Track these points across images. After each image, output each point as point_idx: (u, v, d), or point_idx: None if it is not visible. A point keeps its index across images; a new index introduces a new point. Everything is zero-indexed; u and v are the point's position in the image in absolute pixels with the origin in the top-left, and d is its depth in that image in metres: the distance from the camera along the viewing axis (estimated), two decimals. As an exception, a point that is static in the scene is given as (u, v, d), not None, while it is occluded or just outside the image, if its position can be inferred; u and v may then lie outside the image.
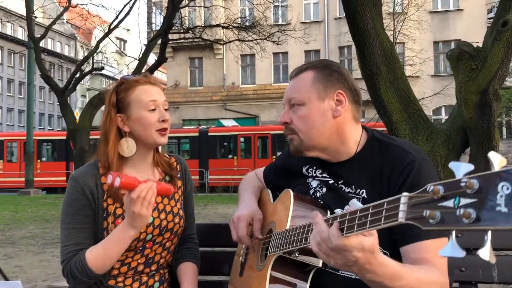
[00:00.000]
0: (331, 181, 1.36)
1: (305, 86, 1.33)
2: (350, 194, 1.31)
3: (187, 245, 1.66)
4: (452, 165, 0.74)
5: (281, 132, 17.16)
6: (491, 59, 3.25)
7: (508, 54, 3.30)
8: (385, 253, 1.21)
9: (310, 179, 1.43)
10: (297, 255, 1.18)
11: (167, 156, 1.67)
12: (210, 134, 20.87)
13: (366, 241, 0.94)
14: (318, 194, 1.39)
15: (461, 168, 0.73)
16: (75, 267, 1.40)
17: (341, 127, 1.33)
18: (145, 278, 1.54)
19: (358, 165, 1.32)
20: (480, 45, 3.47)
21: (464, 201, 0.70)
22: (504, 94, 17.06)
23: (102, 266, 1.41)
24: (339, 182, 1.35)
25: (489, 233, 0.69)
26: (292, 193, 1.32)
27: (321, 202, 1.36)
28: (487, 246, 0.69)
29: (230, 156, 20.64)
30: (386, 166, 1.27)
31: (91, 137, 14.51)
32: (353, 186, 1.31)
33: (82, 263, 1.39)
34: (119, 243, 1.40)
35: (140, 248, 1.50)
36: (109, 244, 1.41)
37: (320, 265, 1.19)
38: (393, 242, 1.20)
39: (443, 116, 21.70)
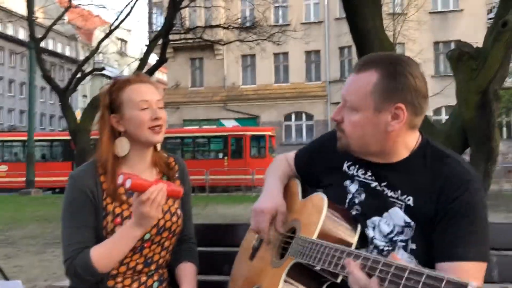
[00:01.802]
0: (374, 184, 1.27)
1: (364, 91, 1.19)
2: (392, 199, 1.23)
3: (185, 246, 1.66)
4: None
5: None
6: (491, 59, 3.25)
7: (508, 54, 3.30)
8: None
9: (348, 182, 1.33)
10: (318, 268, 1.15)
11: (166, 156, 1.67)
12: None
13: None
14: (356, 201, 1.30)
15: None
16: (80, 266, 1.40)
17: (393, 138, 1.22)
18: (144, 278, 1.54)
19: (408, 169, 1.23)
20: (480, 45, 3.48)
21: None
22: (504, 94, 17.05)
23: (107, 265, 1.41)
24: (383, 184, 1.25)
25: None
26: (326, 200, 1.24)
27: (355, 212, 1.28)
28: None
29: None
30: (440, 176, 1.19)
31: (92, 137, 14.52)
32: (399, 191, 1.23)
33: (86, 262, 1.39)
34: (125, 243, 1.41)
35: (139, 248, 1.51)
36: (115, 243, 1.41)
37: (339, 281, 1.15)
38: (431, 255, 1.16)
39: (443, 116, 21.68)
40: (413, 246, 1.19)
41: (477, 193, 1.17)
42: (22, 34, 39.58)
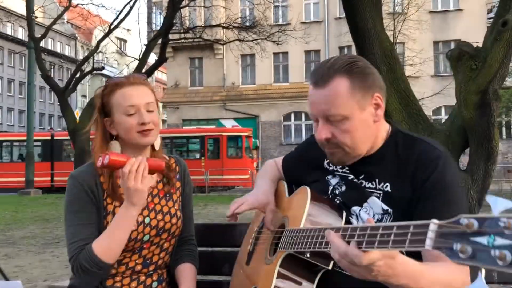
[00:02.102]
0: (351, 177, 1.33)
1: (343, 99, 1.22)
2: (370, 190, 1.29)
3: (185, 247, 1.66)
4: (490, 199, 0.71)
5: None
6: (491, 59, 3.25)
7: (508, 54, 3.29)
8: (401, 252, 1.21)
9: (329, 176, 1.39)
10: (308, 255, 1.18)
11: (166, 157, 1.67)
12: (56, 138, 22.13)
13: (384, 263, 0.95)
14: (336, 192, 1.36)
15: (500, 204, 0.69)
16: (84, 260, 1.39)
17: (379, 128, 1.30)
18: (143, 278, 1.54)
19: (383, 159, 1.30)
20: (480, 45, 3.47)
21: (500, 241, 0.67)
22: (504, 94, 17.06)
23: (110, 254, 1.41)
24: (360, 178, 1.32)
25: None
26: (309, 191, 1.29)
27: (338, 201, 1.33)
28: None
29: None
30: (411, 160, 1.26)
31: (91, 137, 14.50)
32: (376, 180, 1.29)
33: (90, 255, 1.39)
34: (123, 225, 1.41)
35: (138, 248, 1.51)
36: (114, 228, 1.41)
37: (330, 267, 1.18)
38: None
39: (443, 116, 21.70)
40: None
41: (447, 168, 1.23)
42: (21, 34, 39.58)
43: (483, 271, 0.72)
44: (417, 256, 1.17)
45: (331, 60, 1.27)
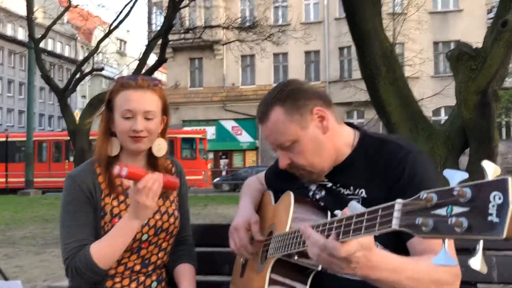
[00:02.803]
0: (329, 185, 1.36)
1: (283, 126, 1.29)
2: (349, 196, 1.30)
3: (183, 247, 1.66)
4: (447, 172, 0.74)
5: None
6: (491, 59, 3.25)
7: (508, 54, 3.30)
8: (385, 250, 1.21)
9: (308, 183, 1.43)
10: (296, 258, 1.18)
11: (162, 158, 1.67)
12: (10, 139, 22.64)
13: (362, 239, 0.95)
14: (317, 196, 1.39)
15: (456, 176, 0.72)
16: (80, 262, 1.39)
17: (333, 138, 1.32)
18: (142, 278, 1.54)
19: (354, 165, 1.32)
20: (480, 45, 3.48)
21: (456, 209, 0.70)
22: (504, 95, 17.06)
23: (107, 260, 1.41)
24: (337, 185, 1.34)
25: (481, 242, 0.69)
26: (292, 196, 1.31)
27: (322, 204, 1.35)
28: (479, 256, 0.69)
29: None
30: (381, 162, 1.28)
31: (91, 137, 14.51)
32: (351, 188, 1.31)
33: (87, 258, 1.38)
34: (123, 235, 1.40)
35: (136, 248, 1.51)
36: (113, 236, 1.41)
37: (320, 268, 1.19)
38: (397, 240, 1.19)
39: (443, 117, 21.70)
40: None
41: (417, 162, 1.24)
42: (22, 34, 39.57)
43: (446, 241, 0.74)
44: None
45: (265, 96, 1.36)
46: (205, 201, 13.68)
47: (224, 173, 26.05)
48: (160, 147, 1.55)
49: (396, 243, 1.20)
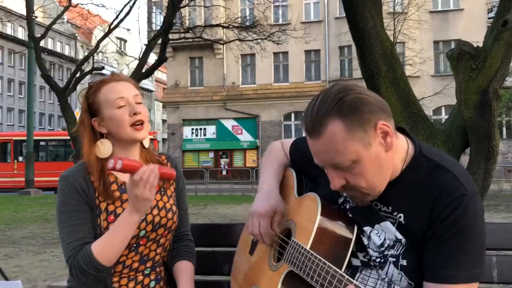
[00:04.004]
0: None
1: (343, 144, 1.09)
2: (385, 214, 1.19)
3: (182, 243, 1.66)
4: None
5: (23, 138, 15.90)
6: (491, 59, 3.24)
7: (508, 54, 3.29)
8: (409, 283, 1.16)
9: None
10: (311, 283, 1.14)
11: (157, 154, 1.68)
12: None
13: None
14: (347, 206, 1.27)
15: None
16: (83, 261, 1.39)
17: (394, 155, 1.16)
18: (140, 277, 1.54)
19: (401, 186, 1.17)
20: (480, 45, 3.47)
21: None
22: (504, 94, 17.07)
23: (110, 257, 1.40)
24: (375, 200, 1.21)
25: None
26: (319, 205, 1.20)
27: (350, 215, 1.25)
28: None
29: None
30: (432, 192, 1.13)
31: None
32: (390, 207, 1.18)
33: (89, 256, 1.38)
34: (124, 230, 1.40)
35: (134, 245, 1.50)
36: (114, 232, 1.40)
37: None
38: (421, 272, 1.14)
39: (443, 116, 21.70)
40: (403, 262, 1.16)
41: (470, 209, 1.10)
42: (21, 34, 39.57)
43: None
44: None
45: (318, 102, 1.13)
46: (205, 201, 13.68)
47: (224, 172, 26.06)
48: (147, 138, 1.58)
49: (419, 278, 1.14)
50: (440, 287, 1.09)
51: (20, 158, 22.11)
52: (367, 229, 1.22)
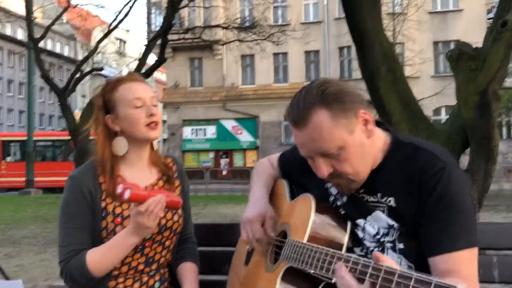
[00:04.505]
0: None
1: (329, 131, 1.15)
2: (373, 204, 1.24)
3: (185, 245, 1.67)
4: None
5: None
6: (491, 59, 3.24)
7: (508, 54, 3.29)
8: (409, 266, 1.18)
9: (329, 184, 1.34)
10: (310, 271, 1.16)
11: (163, 157, 1.69)
12: None
13: None
14: (338, 203, 1.32)
15: None
16: (75, 268, 1.40)
17: (374, 142, 1.24)
18: (145, 278, 1.54)
19: (385, 171, 1.23)
20: (480, 45, 3.47)
21: None
22: (504, 95, 17.06)
23: (101, 270, 1.42)
24: (360, 191, 1.26)
25: None
26: (313, 202, 1.25)
27: (343, 212, 1.29)
28: None
29: None
30: (415, 172, 1.19)
31: (91, 137, 14.47)
32: (378, 194, 1.24)
33: (82, 266, 1.40)
34: (120, 249, 1.42)
35: (140, 247, 1.51)
36: (110, 249, 1.42)
37: (334, 281, 1.15)
38: (419, 253, 1.16)
39: (443, 116, 21.70)
40: (400, 245, 1.19)
41: (452, 180, 1.16)
42: (21, 34, 39.53)
43: None
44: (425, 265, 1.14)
45: (302, 94, 1.20)
46: (205, 201, 13.68)
47: (224, 172, 26.05)
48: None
49: (419, 260, 1.16)
50: (441, 258, 1.12)
51: (9, 158, 22.05)
52: (360, 221, 1.25)
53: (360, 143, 1.19)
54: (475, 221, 1.17)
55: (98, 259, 1.41)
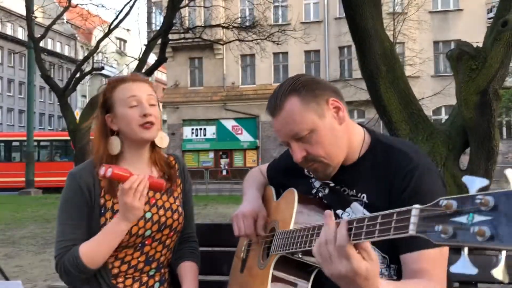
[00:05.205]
0: (332, 184, 1.35)
1: (300, 114, 1.25)
2: (352, 197, 1.30)
3: (186, 244, 1.67)
4: (466, 179, 0.73)
5: None
6: (491, 59, 3.25)
7: (508, 54, 3.29)
8: (383, 257, 1.22)
9: (313, 179, 1.42)
10: (300, 255, 1.18)
11: (165, 155, 1.69)
12: None
13: (365, 264, 0.93)
14: (320, 195, 1.39)
15: (475, 183, 0.71)
16: (68, 261, 1.41)
17: (348, 130, 1.30)
18: (145, 279, 1.54)
19: (361, 169, 1.30)
20: (480, 45, 3.47)
21: (478, 218, 0.69)
22: (504, 94, 17.06)
23: (95, 260, 1.42)
24: (342, 185, 1.33)
25: (504, 252, 0.67)
26: (296, 193, 1.31)
27: (325, 202, 1.35)
28: (501, 266, 0.68)
29: None
30: (388, 171, 1.25)
31: (91, 137, 14.45)
32: (354, 190, 1.30)
33: (74, 257, 1.41)
34: (111, 237, 1.42)
35: (140, 245, 1.51)
36: (102, 238, 1.42)
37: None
38: (394, 246, 1.18)
39: (443, 116, 21.70)
40: None
41: (424, 178, 1.20)
42: (21, 34, 39.55)
43: (466, 249, 0.72)
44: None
45: (277, 89, 1.32)
46: (205, 201, 13.68)
47: (224, 172, 26.06)
48: (162, 139, 1.59)
49: (393, 252, 1.20)
50: (415, 255, 1.14)
51: None
52: (339, 212, 1.31)
53: (331, 127, 1.26)
54: None
55: (90, 250, 1.41)
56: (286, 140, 1.30)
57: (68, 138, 15.70)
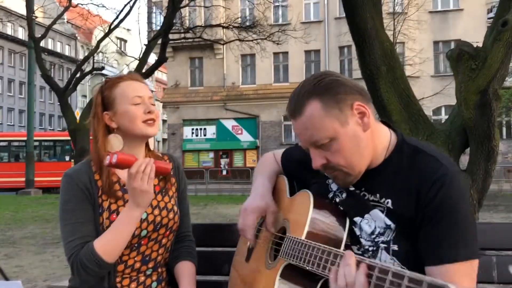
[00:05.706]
0: (352, 188, 1.27)
1: (321, 121, 1.16)
2: (373, 203, 1.23)
3: (183, 244, 1.67)
4: None
5: None
6: (491, 59, 3.24)
7: (508, 54, 3.29)
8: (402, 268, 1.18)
9: (330, 180, 1.34)
10: (308, 268, 1.16)
11: (160, 154, 1.69)
12: None
13: None
14: (337, 200, 1.31)
15: None
16: (86, 258, 1.39)
17: (373, 136, 1.21)
18: (142, 278, 1.54)
19: (386, 172, 1.22)
20: (480, 45, 3.47)
21: None
22: (504, 94, 17.07)
23: (111, 253, 1.41)
24: (362, 189, 1.25)
25: None
26: (312, 198, 1.24)
27: (341, 208, 1.28)
28: None
29: None
30: (416, 176, 1.17)
31: (91, 138, 14.44)
32: (377, 195, 1.22)
33: (92, 253, 1.39)
34: (126, 225, 1.41)
35: (136, 245, 1.51)
36: (116, 228, 1.41)
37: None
38: (413, 257, 1.15)
39: (443, 116, 21.70)
40: (395, 247, 1.18)
41: (454, 188, 1.13)
42: (22, 34, 39.56)
43: None
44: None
45: (299, 87, 1.23)
46: (205, 201, 13.68)
47: (224, 172, 26.06)
48: (151, 140, 1.65)
49: (415, 265, 1.13)
50: (441, 269, 1.09)
51: None
52: (357, 219, 1.25)
53: (354, 135, 1.18)
54: (476, 231, 1.14)
55: (106, 242, 1.40)
56: (306, 145, 1.22)
57: (69, 138, 15.69)
